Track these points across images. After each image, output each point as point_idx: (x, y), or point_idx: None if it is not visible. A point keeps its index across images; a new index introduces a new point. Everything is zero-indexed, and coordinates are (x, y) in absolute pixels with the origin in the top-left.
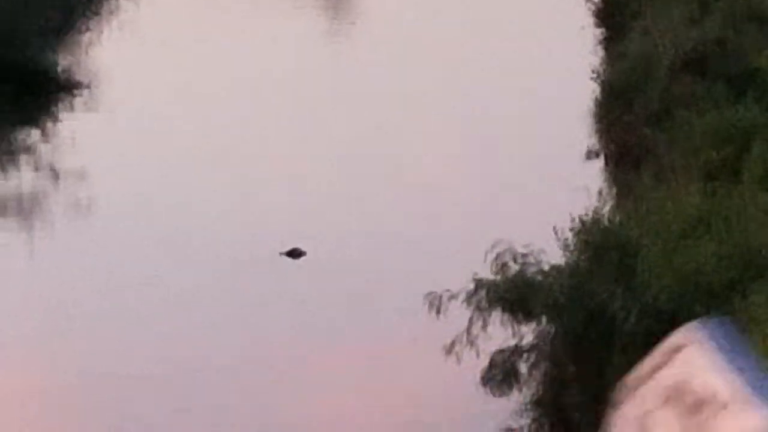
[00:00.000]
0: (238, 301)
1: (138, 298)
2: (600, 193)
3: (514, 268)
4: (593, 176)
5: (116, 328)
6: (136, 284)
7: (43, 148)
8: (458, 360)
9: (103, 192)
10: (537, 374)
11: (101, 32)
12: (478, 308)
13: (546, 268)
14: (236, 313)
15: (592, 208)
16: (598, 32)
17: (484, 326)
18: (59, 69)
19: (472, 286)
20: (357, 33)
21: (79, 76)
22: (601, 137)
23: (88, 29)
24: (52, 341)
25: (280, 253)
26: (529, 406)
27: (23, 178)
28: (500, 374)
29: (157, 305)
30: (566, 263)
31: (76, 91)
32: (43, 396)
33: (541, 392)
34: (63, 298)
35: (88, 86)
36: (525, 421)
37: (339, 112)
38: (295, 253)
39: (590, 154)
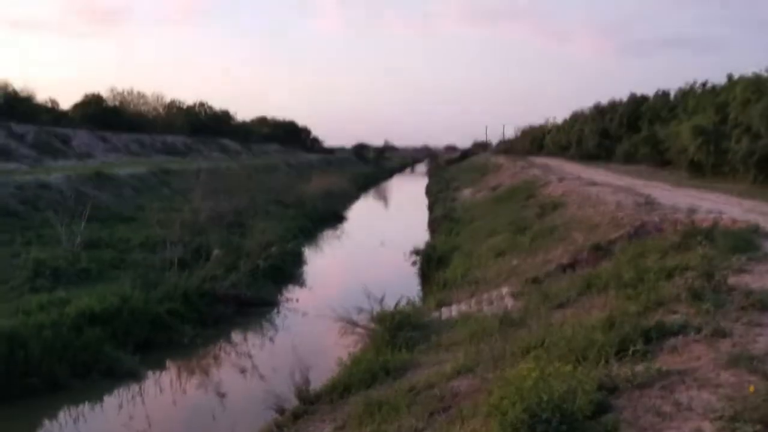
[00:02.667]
0: (369, 248)
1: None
2: (428, 242)
3: (419, 252)
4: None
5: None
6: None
7: (337, 231)
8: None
9: (349, 232)
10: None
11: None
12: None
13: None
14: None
15: (426, 243)
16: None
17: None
18: (341, 214)
19: (412, 252)
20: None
21: (345, 216)
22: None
23: (347, 207)
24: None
25: (380, 244)
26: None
27: (328, 237)
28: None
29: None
30: (423, 251)
31: (343, 220)
32: None
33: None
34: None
35: (345, 219)
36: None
37: (385, 222)
38: (383, 244)
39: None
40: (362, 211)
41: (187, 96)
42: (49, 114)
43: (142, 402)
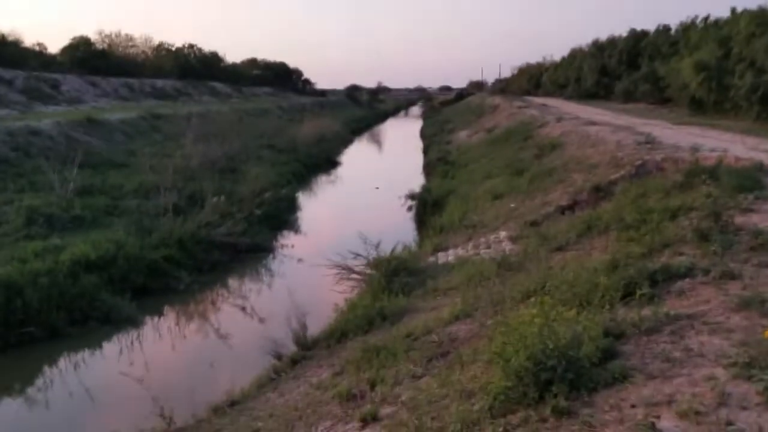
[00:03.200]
0: (366, 189)
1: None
2: (423, 185)
3: (414, 196)
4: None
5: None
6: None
7: (331, 176)
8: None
9: (343, 177)
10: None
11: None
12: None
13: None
14: (366, 193)
15: (421, 186)
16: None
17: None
18: (335, 159)
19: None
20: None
21: (338, 161)
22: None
23: (341, 151)
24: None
25: (375, 188)
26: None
27: (322, 182)
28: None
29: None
30: (418, 196)
31: (336, 165)
32: None
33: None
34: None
35: (339, 164)
36: None
37: (380, 167)
38: (377, 188)
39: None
40: (356, 155)
41: (177, 39)
42: (38, 59)
43: (141, 348)
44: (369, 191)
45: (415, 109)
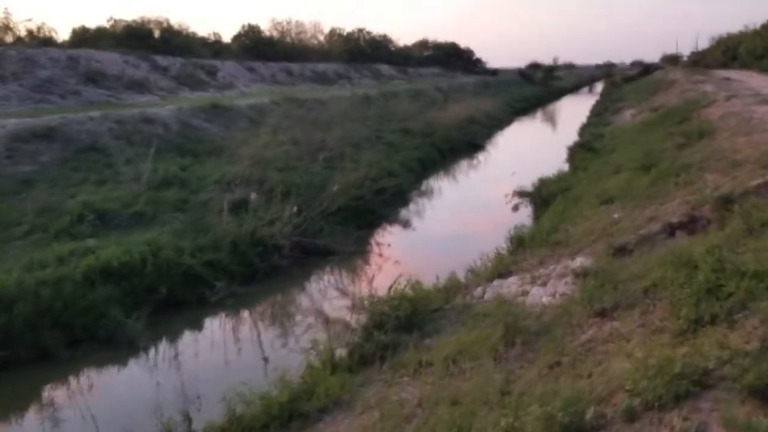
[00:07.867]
0: (501, 176)
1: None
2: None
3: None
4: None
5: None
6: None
7: (472, 161)
8: None
9: (483, 162)
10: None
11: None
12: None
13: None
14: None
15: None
16: None
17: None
18: (479, 143)
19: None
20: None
21: (482, 145)
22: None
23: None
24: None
25: (512, 173)
26: None
27: (455, 169)
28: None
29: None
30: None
31: (479, 149)
32: None
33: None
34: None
35: (482, 148)
36: None
37: (529, 151)
38: (514, 174)
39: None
40: (510, 138)
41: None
42: (209, 47)
43: (111, 386)
44: (504, 178)
45: (600, 86)
